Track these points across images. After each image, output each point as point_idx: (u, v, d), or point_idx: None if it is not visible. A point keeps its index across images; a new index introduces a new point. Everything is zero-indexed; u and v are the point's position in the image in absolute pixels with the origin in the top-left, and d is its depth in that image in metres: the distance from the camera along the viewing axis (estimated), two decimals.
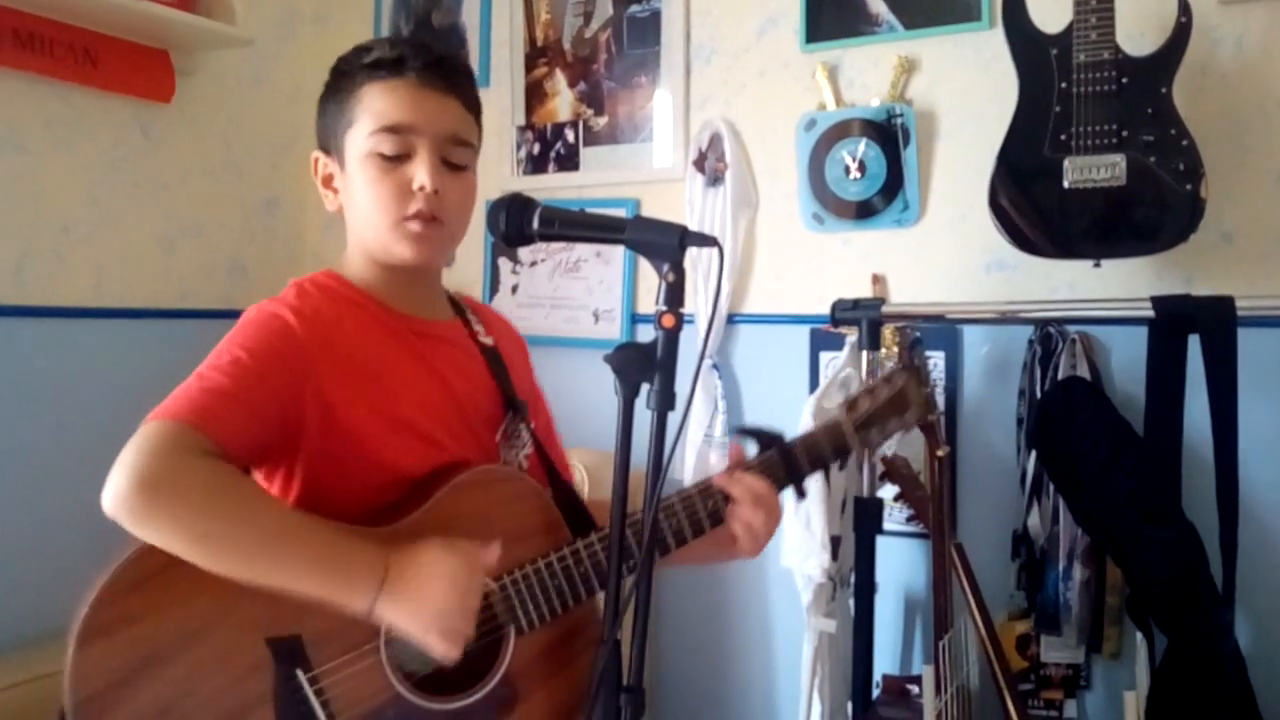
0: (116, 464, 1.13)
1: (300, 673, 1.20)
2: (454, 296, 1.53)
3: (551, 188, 2.89)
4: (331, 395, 1.27)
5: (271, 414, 1.23)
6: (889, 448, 1.56)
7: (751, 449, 1.46)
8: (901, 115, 2.42)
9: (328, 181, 1.41)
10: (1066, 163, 1.99)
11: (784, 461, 1.44)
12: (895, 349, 2.32)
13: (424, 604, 1.18)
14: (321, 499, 1.28)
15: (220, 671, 1.17)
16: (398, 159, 1.32)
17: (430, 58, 1.34)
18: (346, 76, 1.37)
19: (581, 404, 2.79)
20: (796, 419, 2.16)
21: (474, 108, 1.41)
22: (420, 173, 1.32)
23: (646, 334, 1.13)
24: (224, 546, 1.14)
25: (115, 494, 1.12)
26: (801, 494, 1.45)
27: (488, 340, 1.49)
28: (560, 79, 2.90)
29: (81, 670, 1.13)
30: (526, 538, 1.34)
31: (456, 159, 1.36)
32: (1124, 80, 1.97)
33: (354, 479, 1.30)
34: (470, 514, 1.31)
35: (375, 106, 1.33)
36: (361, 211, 1.35)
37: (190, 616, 1.17)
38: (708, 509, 1.39)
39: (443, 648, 1.19)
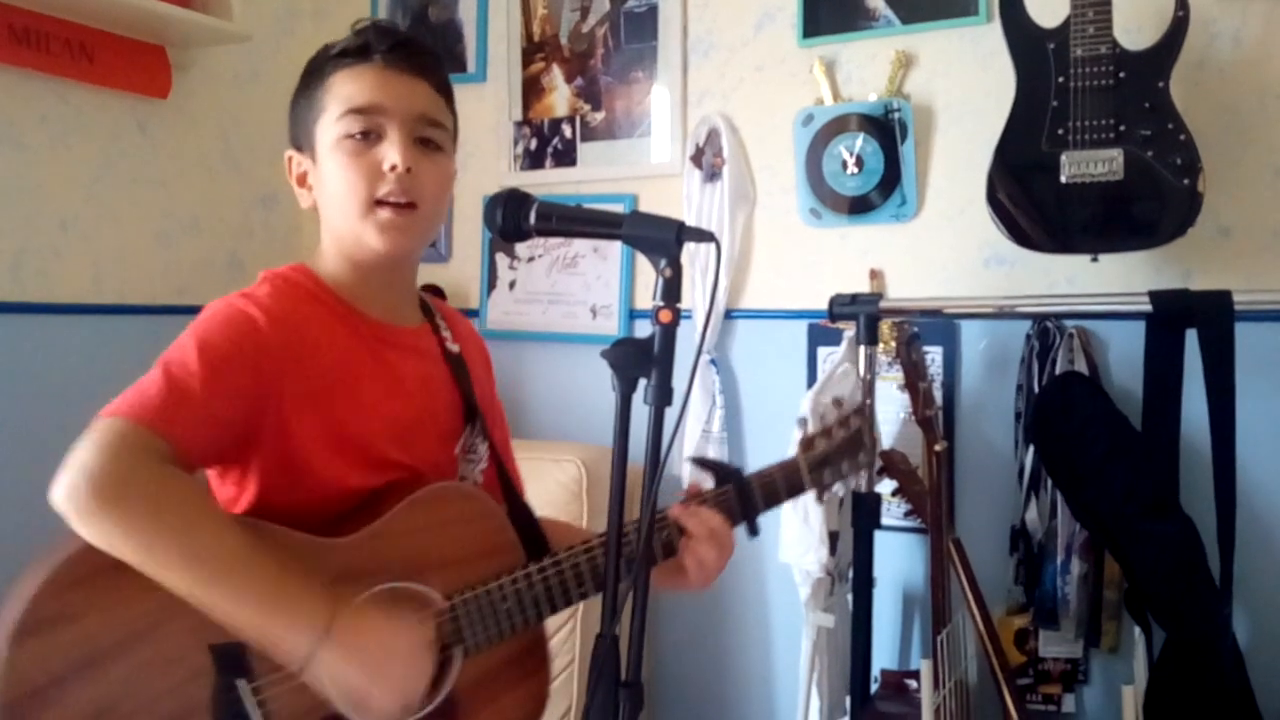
0: (71, 458, 1.11)
1: (242, 682, 1.17)
2: (425, 300, 1.50)
3: (549, 183, 2.89)
4: (290, 403, 1.25)
5: (232, 417, 1.21)
6: (839, 489, 1.59)
7: (707, 482, 1.45)
8: (899, 110, 2.42)
9: (302, 180, 1.39)
10: (1064, 157, 1.99)
11: (740, 498, 1.43)
12: (893, 344, 2.32)
13: (360, 668, 1.16)
14: (274, 504, 1.26)
15: (161, 676, 1.14)
16: (367, 141, 1.30)
17: (395, 41, 1.33)
18: (315, 72, 1.36)
19: (579, 399, 2.81)
20: (794, 414, 2.16)
21: (444, 90, 1.39)
22: (391, 152, 1.29)
23: (644, 329, 1.13)
24: (168, 563, 1.11)
25: (66, 490, 1.10)
26: (754, 531, 1.44)
27: (454, 348, 1.47)
28: (557, 74, 2.90)
29: (16, 667, 1.09)
30: (481, 558, 1.32)
31: (430, 135, 1.34)
32: (1121, 74, 1.97)
33: (304, 489, 1.27)
34: (424, 530, 1.29)
35: (342, 92, 1.31)
36: (333, 200, 1.32)
37: (133, 618, 1.14)
38: (661, 539, 1.38)
39: (379, 710, 1.17)
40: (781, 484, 1.48)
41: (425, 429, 1.38)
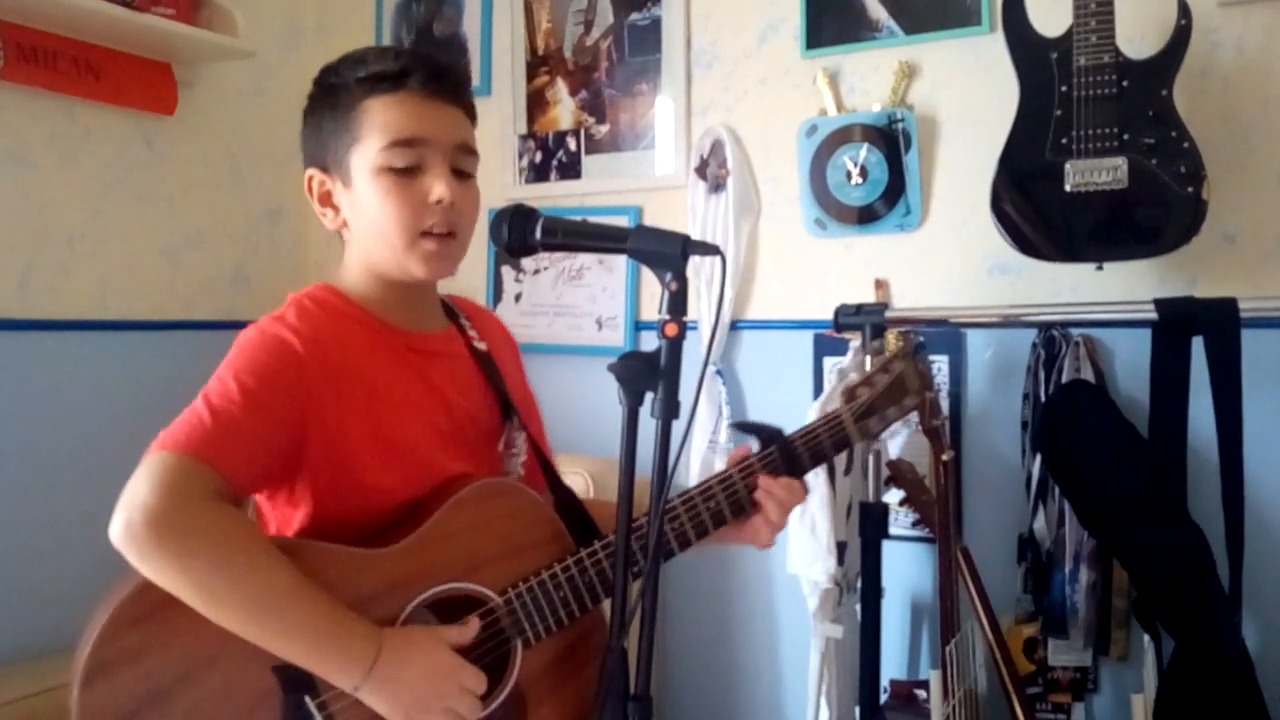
0: (127, 496, 1.13)
1: (309, 700, 1.19)
2: (446, 301, 1.53)
3: (554, 196, 2.90)
4: (333, 420, 1.27)
5: (279, 443, 1.24)
6: (889, 435, 1.58)
7: (753, 445, 1.47)
8: (903, 120, 2.43)
9: (326, 199, 1.39)
10: (1068, 166, 2.00)
11: (785, 459, 1.45)
12: None
13: (407, 696, 1.19)
14: (325, 520, 1.29)
15: (228, 703, 1.18)
16: (410, 172, 1.32)
17: (433, 69, 1.34)
18: (343, 91, 1.35)
19: (585, 411, 2.80)
20: (800, 425, 2.16)
21: (473, 115, 1.41)
22: (437, 186, 1.31)
23: (650, 340, 1.13)
24: (225, 603, 1.15)
25: (126, 529, 1.12)
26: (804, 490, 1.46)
27: (481, 346, 1.49)
28: (561, 87, 2.91)
29: (86, 711, 1.13)
30: (530, 549, 1.34)
31: (466, 167, 1.37)
32: (1124, 83, 1.97)
33: (355, 501, 1.30)
34: (472, 529, 1.31)
35: (382, 121, 1.31)
36: (374, 228, 1.33)
37: (194, 650, 1.17)
38: (729, 501, 1.42)
39: None
40: (827, 439, 1.49)
41: (465, 432, 1.41)
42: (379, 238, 1.34)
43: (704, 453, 2.62)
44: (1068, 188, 2.00)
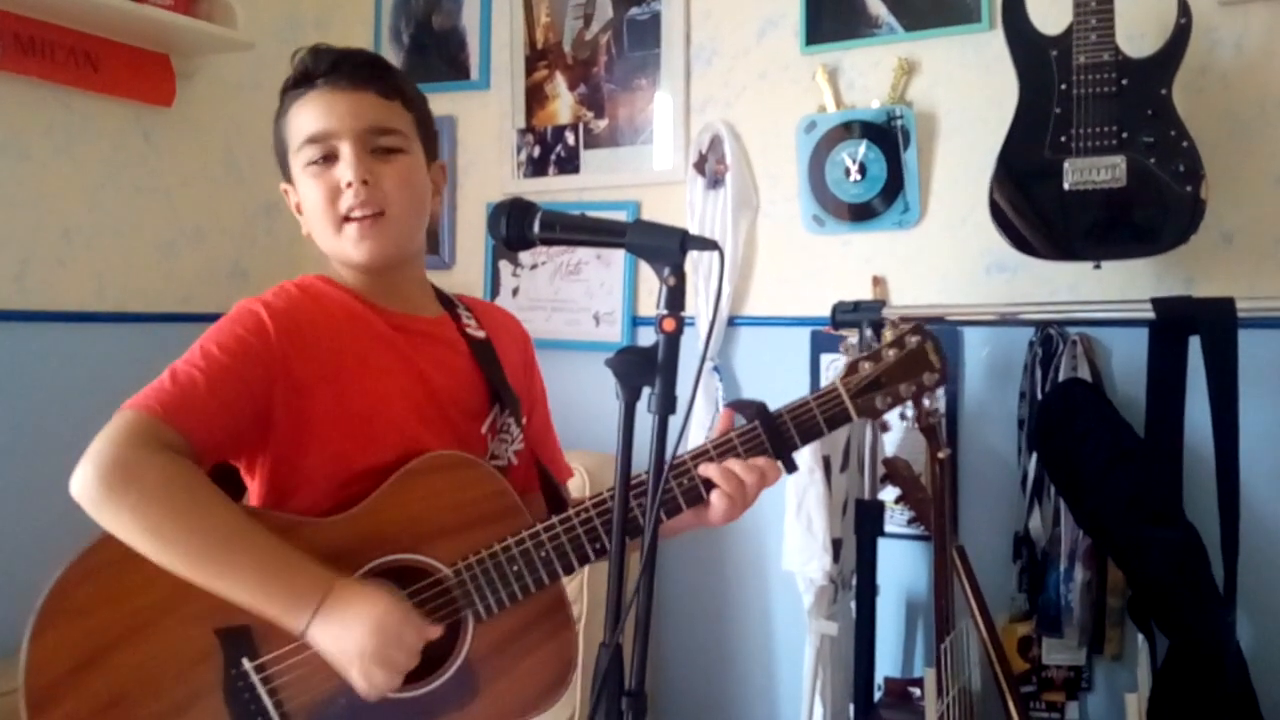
0: (87, 451, 1.19)
1: (246, 661, 1.23)
2: (445, 294, 1.54)
3: (552, 190, 2.89)
4: (301, 389, 1.29)
5: (242, 406, 1.27)
6: (906, 414, 1.44)
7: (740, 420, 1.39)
8: (901, 117, 2.43)
9: (299, 208, 1.45)
10: (1067, 164, 2.00)
11: (770, 434, 1.35)
12: None
13: (349, 640, 1.20)
14: (289, 490, 1.31)
15: (170, 661, 1.22)
16: (327, 164, 1.36)
17: (332, 60, 1.39)
18: (279, 105, 1.44)
19: (582, 406, 2.80)
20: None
21: (393, 94, 1.41)
22: (344, 170, 1.35)
23: (647, 336, 1.13)
24: (173, 543, 1.19)
25: (79, 479, 1.18)
26: (791, 467, 1.37)
27: (478, 334, 1.49)
28: (560, 81, 2.91)
29: (36, 659, 1.19)
30: (483, 524, 1.33)
31: (385, 144, 1.38)
32: (1124, 81, 1.97)
33: (320, 471, 1.31)
34: (423, 500, 1.31)
35: (296, 123, 1.39)
36: (312, 223, 1.40)
37: (141, 608, 1.22)
38: (683, 487, 1.34)
39: (361, 685, 1.22)
40: (820, 415, 1.37)
41: (445, 410, 1.41)
42: (317, 231, 1.40)
43: None
44: (1066, 186, 2.00)
